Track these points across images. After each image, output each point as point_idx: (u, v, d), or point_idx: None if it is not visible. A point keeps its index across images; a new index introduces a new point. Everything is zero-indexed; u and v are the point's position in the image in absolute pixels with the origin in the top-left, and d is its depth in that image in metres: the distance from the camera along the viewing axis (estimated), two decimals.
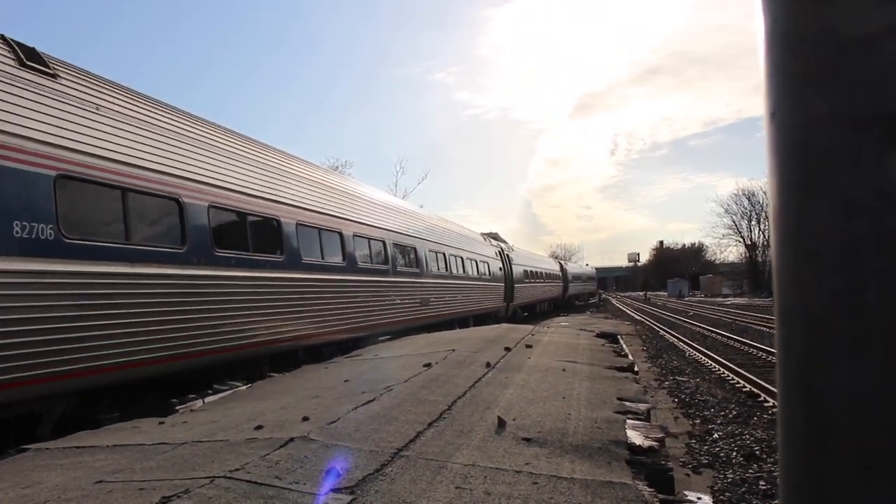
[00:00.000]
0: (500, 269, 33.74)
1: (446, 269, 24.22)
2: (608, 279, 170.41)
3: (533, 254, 54.02)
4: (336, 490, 3.96)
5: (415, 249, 20.80)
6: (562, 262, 71.93)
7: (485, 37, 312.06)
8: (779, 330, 0.83)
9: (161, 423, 6.91)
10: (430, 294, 21.84)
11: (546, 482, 4.24)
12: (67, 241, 7.77)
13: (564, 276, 62.60)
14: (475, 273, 28.80)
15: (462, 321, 25.99)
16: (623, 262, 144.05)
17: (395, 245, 18.78)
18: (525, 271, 41.09)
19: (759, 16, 0.82)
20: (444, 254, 24.10)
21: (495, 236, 53.26)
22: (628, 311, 56.02)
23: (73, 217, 8.00)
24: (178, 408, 8.65)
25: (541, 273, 48.02)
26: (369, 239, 16.84)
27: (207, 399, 9.20)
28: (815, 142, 0.75)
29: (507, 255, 36.52)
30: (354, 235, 15.76)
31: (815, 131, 0.75)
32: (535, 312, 45.83)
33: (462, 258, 26.77)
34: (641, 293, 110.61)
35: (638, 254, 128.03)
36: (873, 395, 0.70)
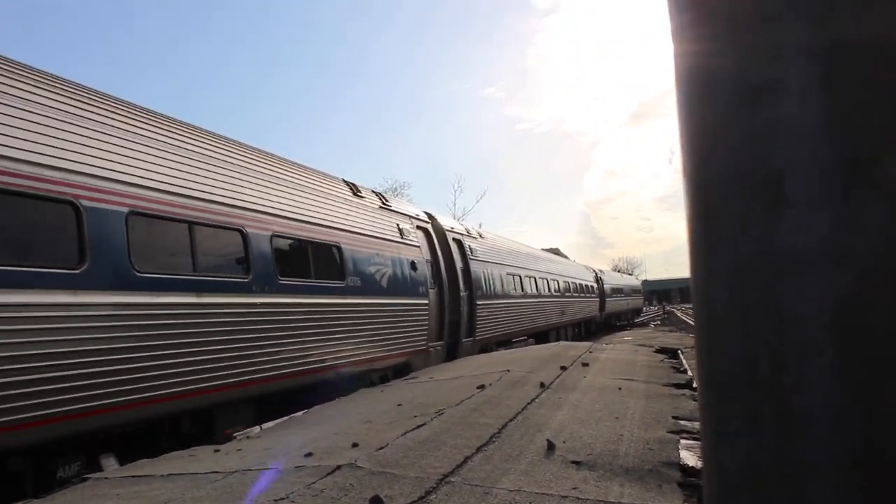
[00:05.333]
0: (418, 265, 15.09)
1: None
2: (672, 290, 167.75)
3: (528, 248, 29.63)
4: None
5: None
6: (596, 270, 49.38)
7: (533, 48, 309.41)
8: (700, 396, 0.79)
9: (216, 450, 7.01)
10: None
11: None
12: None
13: (601, 288, 45.31)
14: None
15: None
16: (687, 273, 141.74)
17: None
18: (512, 277, 22.36)
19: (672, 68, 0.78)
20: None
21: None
22: (692, 322, 54.66)
23: None
24: (235, 435, 8.77)
25: (550, 282, 28.67)
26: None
27: (265, 425, 9.32)
28: (712, 203, 0.69)
29: (460, 243, 18.22)
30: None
31: (712, 192, 0.68)
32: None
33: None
34: None
35: None
36: (770, 468, 0.65)
